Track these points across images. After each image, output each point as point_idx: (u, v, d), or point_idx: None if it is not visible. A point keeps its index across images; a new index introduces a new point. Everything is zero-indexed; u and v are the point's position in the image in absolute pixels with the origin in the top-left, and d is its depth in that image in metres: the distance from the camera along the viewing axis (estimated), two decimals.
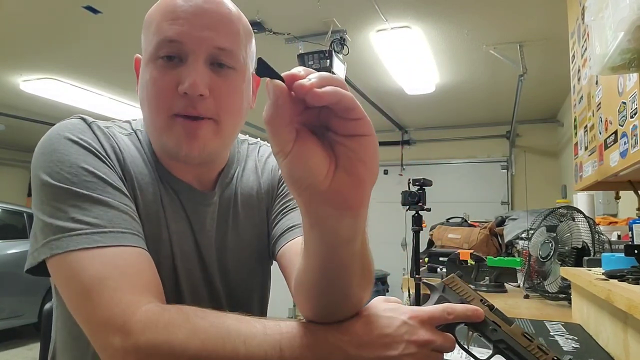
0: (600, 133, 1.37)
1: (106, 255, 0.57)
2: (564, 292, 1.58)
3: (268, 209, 0.85)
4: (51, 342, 0.77)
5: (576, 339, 1.06)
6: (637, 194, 1.48)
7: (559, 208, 1.76)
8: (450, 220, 3.32)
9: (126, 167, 0.70)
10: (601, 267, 1.13)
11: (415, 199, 1.86)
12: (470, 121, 5.47)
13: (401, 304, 0.60)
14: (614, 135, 1.22)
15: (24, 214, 4.78)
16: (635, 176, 1.32)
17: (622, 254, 1.04)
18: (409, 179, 1.92)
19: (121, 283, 0.55)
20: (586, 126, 1.58)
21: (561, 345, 1.00)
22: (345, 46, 2.96)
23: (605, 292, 0.89)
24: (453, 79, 3.97)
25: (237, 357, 0.51)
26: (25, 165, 7.04)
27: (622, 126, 1.15)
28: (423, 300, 0.81)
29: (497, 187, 5.47)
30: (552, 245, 1.64)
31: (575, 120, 1.80)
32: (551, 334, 1.11)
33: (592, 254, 1.51)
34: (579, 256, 1.52)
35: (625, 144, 1.12)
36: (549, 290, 1.64)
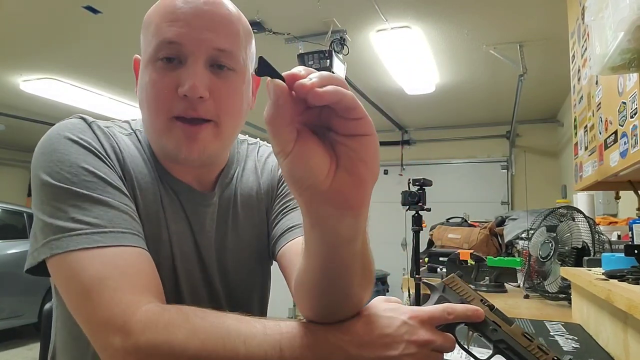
0: (600, 133, 1.37)
1: (106, 255, 0.57)
2: (564, 292, 1.58)
3: (268, 209, 0.84)
4: (51, 342, 0.77)
5: (576, 339, 1.06)
6: (637, 194, 1.48)
7: (559, 208, 1.76)
8: (450, 220, 3.32)
9: (126, 167, 0.69)
10: (601, 267, 1.13)
11: (415, 199, 1.86)
12: (470, 121, 5.47)
13: (401, 304, 0.60)
14: (614, 135, 1.22)
15: (24, 214, 4.78)
16: (635, 176, 1.31)
17: (622, 254, 1.04)
18: (409, 179, 1.92)
19: (121, 283, 0.55)
20: (586, 126, 1.58)
21: (561, 345, 1.00)
22: (345, 46, 2.96)
23: (605, 292, 0.89)
24: (453, 79, 3.97)
25: (237, 357, 0.51)
26: (25, 165, 7.04)
27: (622, 126, 1.15)
28: (423, 300, 0.81)
29: (497, 187, 5.47)
30: (552, 245, 1.64)
31: (575, 120, 1.80)
32: (551, 334, 1.10)
33: (592, 254, 1.51)
34: (579, 256, 1.52)
35: (625, 144, 1.12)
36: (549, 290, 1.64)
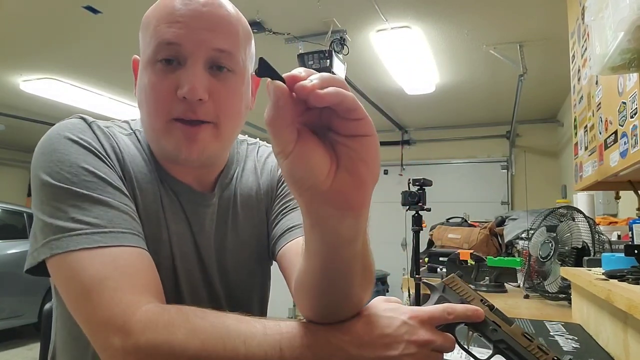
0: (600, 133, 1.37)
1: (106, 255, 0.57)
2: (564, 292, 1.58)
3: (267, 209, 0.84)
4: (51, 342, 0.77)
5: (576, 339, 1.06)
6: (637, 194, 1.48)
7: (559, 208, 1.76)
8: (450, 220, 3.32)
9: (126, 167, 0.69)
10: (601, 267, 1.13)
11: (415, 199, 1.86)
12: (470, 121, 5.47)
13: (401, 304, 0.60)
14: (614, 135, 1.22)
15: (24, 214, 4.78)
16: (635, 176, 1.32)
17: (622, 254, 1.04)
18: (409, 179, 1.92)
19: (121, 283, 0.55)
20: (586, 126, 1.58)
21: (561, 345, 1.00)
22: (345, 46, 2.96)
23: (605, 292, 0.89)
24: (453, 79, 3.97)
25: (237, 357, 0.51)
26: (25, 165, 7.04)
27: (622, 126, 1.15)
28: (423, 300, 0.81)
29: (497, 187, 5.47)
30: (552, 245, 1.64)
31: (575, 120, 1.80)
32: (551, 334, 1.10)
33: (592, 254, 1.51)
34: (579, 256, 1.52)
35: (625, 144, 1.12)
36: (549, 290, 1.64)
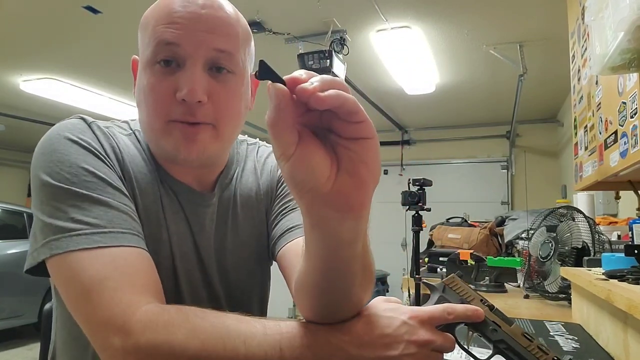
0: (600, 133, 1.37)
1: (106, 255, 0.57)
2: (564, 292, 1.58)
3: (267, 209, 0.84)
4: (51, 342, 0.77)
5: (576, 339, 1.06)
6: (637, 194, 1.48)
7: (559, 208, 1.76)
8: (450, 220, 3.32)
9: (126, 167, 0.69)
10: (601, 267, 1.13)
11: (415, 199, 1.86)
12: (470, 121, 5.47)
13: (401, 304, 0.60)
14: (614, 135, 1.22)
15: (24, 214, 4.78)
16: (635, 176, 1.32)
17: (622, 254, 1.04)
18: (409, 179, 1.92)
19: (121, 283, 0.55)
20: (586, 126, 1.58)
21: (561, 345, 1.00)
22: (345, 46, 2.96)
23: (605, 292, 0.89)
24: (453, 79, 3.97)
25: (237, 357, 0.51)
26: (25, 165, 7.04)
27: (622, 126, 1.15)
28: (423, 300, 0.81)
29: (497, 187, 5.47)
30: (552, 245, 1.64)
31: (575, 120, 1.80)
32: (551, 334, 1.10)
33: (592, 254, 1.51)
34: (579, 256, 1.52)
35: (625, 144, 1.12)
36: (549, 290, 1.64)
